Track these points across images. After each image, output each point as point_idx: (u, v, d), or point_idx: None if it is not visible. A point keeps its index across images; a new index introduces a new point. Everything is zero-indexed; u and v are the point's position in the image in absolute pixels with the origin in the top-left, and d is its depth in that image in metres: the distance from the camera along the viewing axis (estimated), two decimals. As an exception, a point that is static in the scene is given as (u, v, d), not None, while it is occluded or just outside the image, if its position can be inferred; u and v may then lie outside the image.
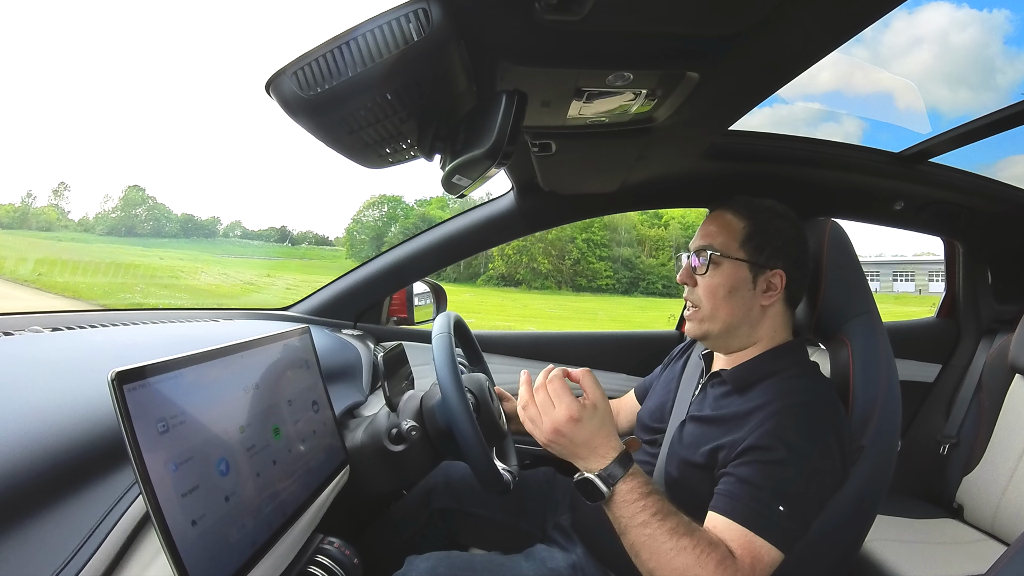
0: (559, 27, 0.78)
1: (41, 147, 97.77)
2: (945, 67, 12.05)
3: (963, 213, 1.83)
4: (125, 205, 55.35)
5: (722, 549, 0.88)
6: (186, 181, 64.09)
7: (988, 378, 1.85)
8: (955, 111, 10.30)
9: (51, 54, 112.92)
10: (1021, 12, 11.17)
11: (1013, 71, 5.46)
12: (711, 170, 1.51)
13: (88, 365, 0.91)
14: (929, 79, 11.18)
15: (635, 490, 0.90)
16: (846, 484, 1.05)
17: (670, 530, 0.88)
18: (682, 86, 0.97)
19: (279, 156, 75.46)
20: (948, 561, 1.51)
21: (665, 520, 0.88)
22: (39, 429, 0.67)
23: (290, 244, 33.01)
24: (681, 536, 0.87)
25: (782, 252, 1.15)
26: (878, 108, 1.79)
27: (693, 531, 0.89)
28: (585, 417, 0.93)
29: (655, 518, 0.88)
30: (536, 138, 1.22)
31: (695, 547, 0.86)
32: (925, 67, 10.99)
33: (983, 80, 12.23)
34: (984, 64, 12.55)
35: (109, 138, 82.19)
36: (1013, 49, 14.14)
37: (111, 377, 0.55)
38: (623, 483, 0.91)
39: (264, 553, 0.72)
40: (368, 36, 0.73)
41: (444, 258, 1.88)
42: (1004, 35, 14.34)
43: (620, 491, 0.90)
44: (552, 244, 29.19)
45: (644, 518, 0.89)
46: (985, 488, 1.71)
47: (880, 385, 1.15)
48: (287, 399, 0.89)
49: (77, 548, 0.59)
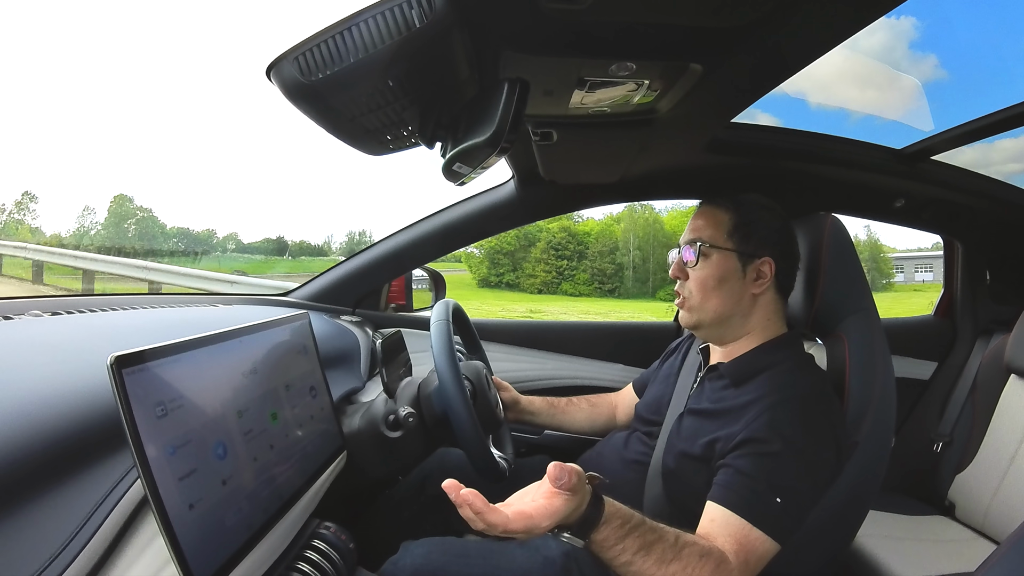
0: (562, 16, 0.77)
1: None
2: (855, 68, 12.07)
3: (963, 212, 1.84)
4: (113, 219, 53.47)
5: (715, 556, 0.88)
6: (172, 189, 61.66)
7: (983, 378, 1.86)
8: (863, 109, 10.63)
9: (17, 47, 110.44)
10: (926, 19, 11.31)
11: (917, 72, 5.50)
12: (712, 163, 1.51)
13: (87, 349, 0.91)
14: (840, 80, 11.23)
15: (611, 536, 0.86)
16: (839, 479, 1.06)
17: (656, 561, 0.86)
18: (685, 78, 0.96)
19: (273, 159, 74.29)
20: (938, 558, 1.52)
21: (649, 553, 0.86)
22: (39, 413, 0.67)
23: (289, 256, 31.14)
24: (669, 563, 0.86)
25: (768, 240, 1.17)
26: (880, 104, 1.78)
27: (681, 551, 0.88)
28: (563, 511, 0.81)
29: (639, 555, 0.86)
30: (537, 127, 1.21)
31: (684, 568, 0.86)
32: (836, 68, 11.12)
33: (889, 81, 12.30)
34: (891, 67, 12.64)
35: (81, 141, 79.81)
36: (918, 54, 14.25)
37: (110, 361, 0.56)
38: (597, 532, 0.86)
39: (261, 537, 0.73)
40: (371, 22, 0.72)
41: (444, 246, 1.88)
42: (909, 41, 14.43)
43: (596, 540, 0.86)
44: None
45: (627, 558, 0.86)
46: (977, 487, 1.72)
47: (876, 382, 1.16)
48: (285, 384, 0.89)
49: (75, 531, 0.59)
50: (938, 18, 6.49)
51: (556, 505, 0.80)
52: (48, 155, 74.27)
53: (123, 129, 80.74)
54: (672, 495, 1.12)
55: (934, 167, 1.64)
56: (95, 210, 61.54)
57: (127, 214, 55.03)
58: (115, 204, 57.71)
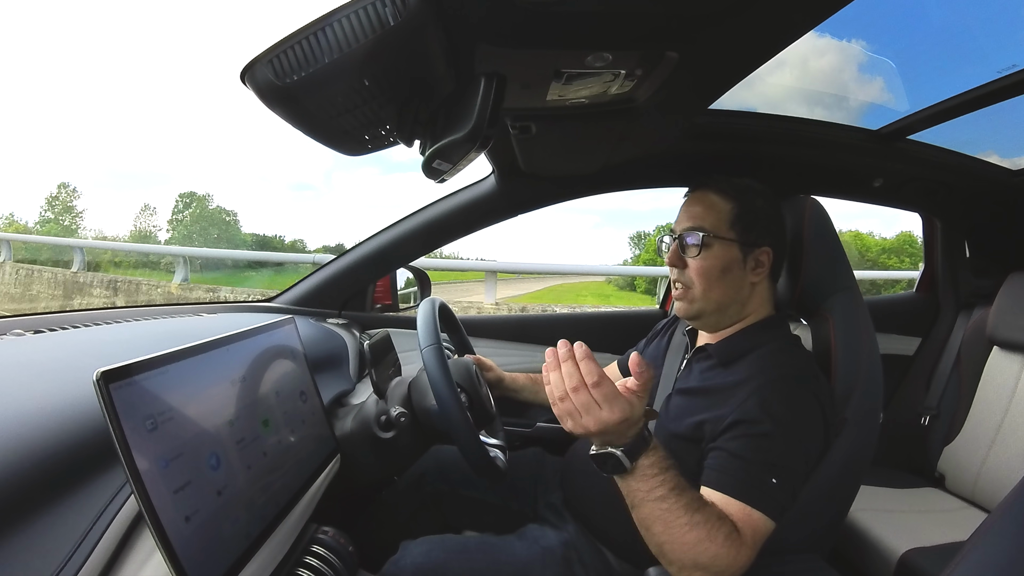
0: (536, 8, 0.77)
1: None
2: (804, 87, 12.43)
3: (941, 189, 1.86)
4: (196, 222, 49.74)
5: (728, 523, 0.90)
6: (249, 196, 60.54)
7: (967, 351, 1.89)
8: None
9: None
10: (875, 42, 11.53)
11: (863, 94, 5.65)
12: (692, 149, 1.52)
13: (73, 365, 0.89)
14: (789, 98, 11.52)
15: (655, 464, 0.88)
16: (831, 455, 1.07)
17: (686, 505, 0.88)
18: (662, 66, 0.96)
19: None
20: (931, 529, 1.55)
21: (682, 495, 0.88)
22: (26, 433, 0.66)
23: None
24: (695, 511, 0.88)
25: (768, 230, 1.18)
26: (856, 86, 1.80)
27: (704, 506, 0.90)
28: (633, 416, 0.86)
29: (673, 492, 0.88)
30: (516, 120, 1.21)
31: (706, 522, 0.87)
32: (786, 87, 11.35)
33: (837, 101, 12.74)
34: (839, 87, 12.93)
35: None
36: (867, 76, 14.72)
37: (96, 377, 0.55)
38: (644, 457, 0.88)
39: (259, 545, 0.73)
40: (344, 21, 0.72)
41: (427, 243, 1.86)
42: (859, 63, 14.88)
43: (641, 465, 0.88)
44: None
45: (662, 492, 0.88)
46: (966, 457, 1.75)
47: (862, 358, 1.17)
48: (275, 391, 0.89)
49: (72, 551, 0.58)
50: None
51: (634, 402, 0.86)
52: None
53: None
54: None
55: (911, 146, 1.66)
56: (155, 209, 57.81)
57: (214, 217, 52.78)
58: (196, 207, 54.11)
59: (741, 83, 1.06)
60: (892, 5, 1.61)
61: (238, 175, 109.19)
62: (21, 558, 0.56)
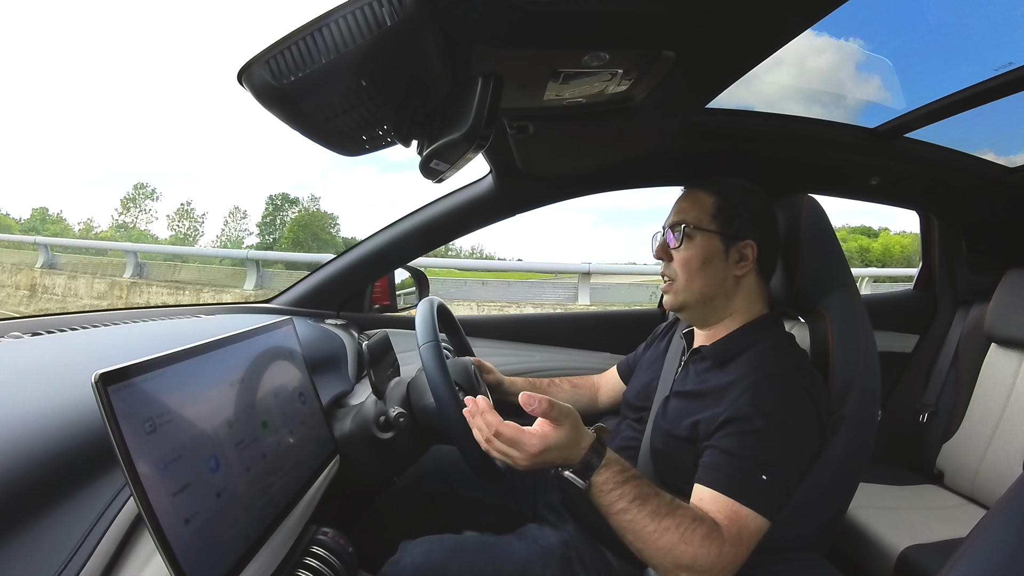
0: (533, 7, 0.77)
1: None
2: (802, 85, 12.40)
3: (938, 187, 1.86)
4: (304, 228, 49.27)
5: (707, 523, 0.91)
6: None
7: (964, 347, 1.90)
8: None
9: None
10: (873, 41, 11.48)
11: (860, 92, 5.65)
12: (689, 148, 1.52)
13: (71, 368, 0.89)
14: (787, 96, 11.53)
15: (611, 480, 0.92)
16: (829, 453, 1.07)
17: (650, 513, 0.90)
18: (658, 65, 0.96)
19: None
20: (930, 526, 1.55)
21: (645, 504, 0.91)
22: (24, 436, 0.66)
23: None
24: (663, 518, 0.90)
25: (751, 223, 1.19)
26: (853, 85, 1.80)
27: (675, 510, 0.91)
28: (559, 442, 0.91)
29: (634, 504, 0.90)
30: (513, 120, 1.21)
31: (678, 526, 0.89)
32: (784, 86, 11.34)
33: (834, 100, 12.69)
34: (836, 86, 12.90)
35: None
36: (864, 74, 14.65)
37: (95, 379, 0.55)
38: (597, 475, 0.92)
39: (259, 547, 0.73)
40: (341, 22, 0.71)
41: (425, 244, 1.86)
42: (856, 62, 14.81)
43: (596, 483, 0.92)
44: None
45: (623, 504, 0.91)
46: (964, 454, 1.76)
47: (859, 356, 1.17)
48: (273, 392, 0.89)
49: (71, 554, 0.58)
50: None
51: (545, 431, 0.91)
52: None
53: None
54: (663, 476, 1.13)
55: (908, 144, 1.66)
56: (246, 212, 56.91)
57: (320, 223, 52.48)
58: (301, 211, 53.15)
59: (738, 81, 1.07)
60: (889, 4, 1.61)
61: (238, 175, 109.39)
62: (20, 561, 0.55)
